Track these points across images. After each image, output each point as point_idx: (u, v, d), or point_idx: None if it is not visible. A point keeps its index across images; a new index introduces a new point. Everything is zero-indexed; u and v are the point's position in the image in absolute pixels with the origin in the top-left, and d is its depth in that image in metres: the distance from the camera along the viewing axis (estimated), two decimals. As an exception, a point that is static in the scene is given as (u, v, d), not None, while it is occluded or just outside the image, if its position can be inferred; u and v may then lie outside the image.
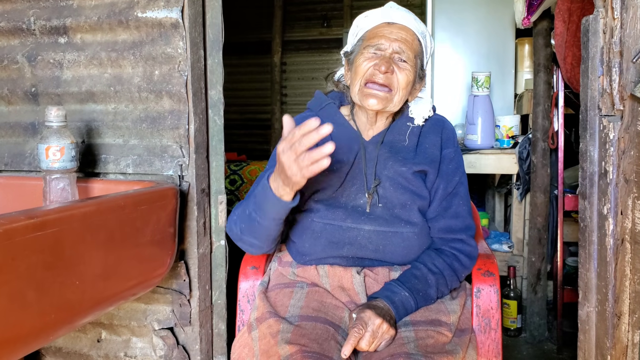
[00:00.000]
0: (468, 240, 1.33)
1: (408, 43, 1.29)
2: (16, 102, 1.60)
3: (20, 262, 0.89)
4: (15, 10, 1.54)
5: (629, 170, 1.04)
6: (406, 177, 1.30)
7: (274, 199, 1.14)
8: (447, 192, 1.33)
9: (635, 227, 1.03)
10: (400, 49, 1.28)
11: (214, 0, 1.50)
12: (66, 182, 1.28)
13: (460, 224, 1.32)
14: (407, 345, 1.11)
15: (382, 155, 1.32)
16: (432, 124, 1.38)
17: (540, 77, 2.44)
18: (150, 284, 1.31)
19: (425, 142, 1.36)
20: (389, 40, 1.28)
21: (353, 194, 1.31)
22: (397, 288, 1.21)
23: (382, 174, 1.31)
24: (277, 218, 1.20)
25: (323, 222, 1.29)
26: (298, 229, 1.34)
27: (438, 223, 1.32)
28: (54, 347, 1.63)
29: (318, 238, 1.29)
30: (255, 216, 1.22)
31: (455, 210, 1.33)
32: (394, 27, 1.30)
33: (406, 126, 1.36)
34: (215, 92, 1.52)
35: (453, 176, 1.34)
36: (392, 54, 1.28)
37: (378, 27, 1.31)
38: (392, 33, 1.29)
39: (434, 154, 1.34)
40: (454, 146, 1.38)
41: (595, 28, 1.10)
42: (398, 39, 1.28)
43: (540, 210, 2.47)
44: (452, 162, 1.35)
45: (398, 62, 1.28)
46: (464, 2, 3.03)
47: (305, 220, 1.32)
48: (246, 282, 1.42)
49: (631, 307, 1.05)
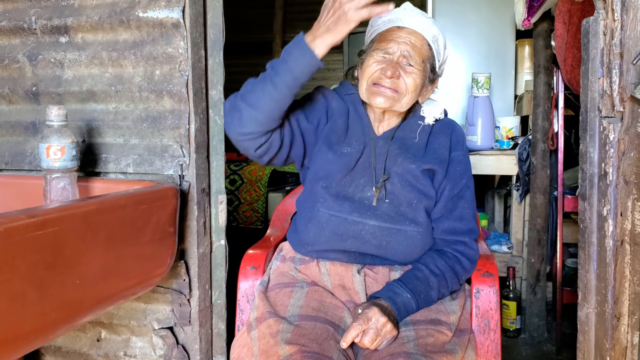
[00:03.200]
0: (471, 243, 1.33)
1: (416, 48, 1.30)
2: (17, 101, 1.60)
3: (20, 261, 0.89)
4: (16, 9, 1.55)
5: (629, 171, 1.04)
6: (415, 174, 1.31)
7: (305, 48, 1.13)
8: (453, 194, 1.34)
9: (635, 228, 1.03)
10: (408, 54, 1.29)
11: (215, 1, 1.50)
12: (67, 182, 1.28)
13: (464, 227, 1.33)
14: (407, 344, 1.12)
15: (392, 151, 1.33)
16: (442, 126, 1.40)
17: (540, 79, 2.45)
18: (150, 283, 1.31)
19: (435, 142, 1.37)
20: (397, 44, 1.29)
21: (361, 186, 1.31)
22: (399, 289, 1.21)
23: (391, 169, 1.32)
24: (295, 78, 1.17)
25: (329, 213, 1.29)
26: (303, 217, 1.35)
27: (442, 224, 1.33)
28: (54, 346, 1.63)
29: (323, 229, 1.30)
30: (269, 74, 1.20)
31: (460, 213, 1.33)
32: (404, 32, 1.31)
33: (417, 124, 1.38)
34: (216, 92, 1.52)
35: (460, 179, 1.35)
36: (399, 58, 1.29)
37: (389, 31, 1.32)
38: (401, 37, 1.30)
39: (443, 154, 1.35)
40: (462, 149, 1.39)
41: (595, 30, 1.11)
42: (406, 42, 1.29)
43: (539, 212, 2.47)
44: (460, 164, 1.36)
45: (405, 66, 1.29)
46: (465, 3, 3.03)
47: (312, 209, 1.32)
48: (246, 281, 1.42)
49: (630, 309, 1.06)
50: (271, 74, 1.20)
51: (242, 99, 1.24)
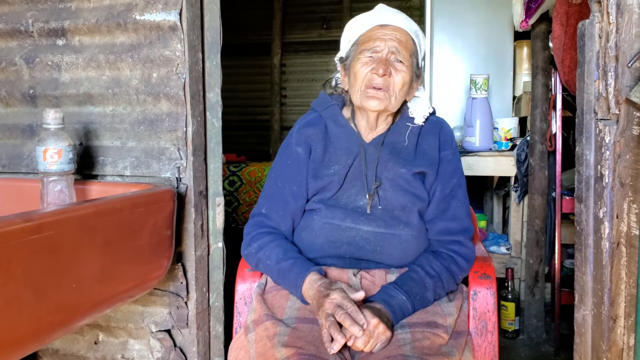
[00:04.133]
0: (465, 242, 1.33)
1: (402, 43, 1.30)
2: (14, 104, 1.60)
3: (17, 265, 0.89)
4: (13, 12, 1.55)
5: (625, 174, 1.04)
6: (406, 178, 1.30)
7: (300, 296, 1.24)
8: (445, 194, 1.33)
9: (631, 230, 1.03)
10: (395, 49, 1.29)
11: (213, 3, 1.50)
12: (64, 185, 1.28)
13: (458, 226, 1.33)
14: (404, 347, 1.11)
15: (382, 156, 1.33)
16: (430, 126, 1.39)
17: (538, 80, 2.45)
18: (147, 286, 1.31)
19: (424, 143, 1.36)
20: (384, 42, 1.29)
21: (353, 196, 1.31)
22: (394, 291, 1.21)
23: (382, 175, 1.32)
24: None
25: (322, 220, 1.30)
26: (298, 227, 1.35)
27: (436, 225, 1.33)
28: (51, 349, 1.63)
29: (317, 236, 1.30)
30: (277, 279, 1.31)
31: (453, 213, 1.33)
32: (388, 29, 1.31)
33: (406, 126, 1.37)
34: (213, 95, 1.52)
35: (451, 178, 1.35)
36: (388, 55, 1.29)
37: (372, 30, 1.32)
38: (386, 34, 1.30)
39: (432, 155, 1.35)
40: (451, 148, 1.38)
41: (591, 32, 1.11)
42: (392, 39, 1.29)
43: (538, 213, 2.47)
44: (449, 164, 1.36)
45: (395, 62, 1.29)
46: (463, 4, 3.04)
47: (306, 219, 1.34)
48: (243, 284, 1.42)
49: (627, 310, 1.06)
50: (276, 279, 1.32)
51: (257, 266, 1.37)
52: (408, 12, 5.10)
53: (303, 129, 1.38)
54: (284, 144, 1.42)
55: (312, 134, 1.36)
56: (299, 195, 1.35)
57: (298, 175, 1.35)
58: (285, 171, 1.37)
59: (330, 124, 1.38)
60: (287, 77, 5.38)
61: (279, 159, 1.41)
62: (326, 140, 1.36)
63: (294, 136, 1.39)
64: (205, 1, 1.49)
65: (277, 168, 1.40)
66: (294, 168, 1.36)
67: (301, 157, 1.35)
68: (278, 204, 1.35)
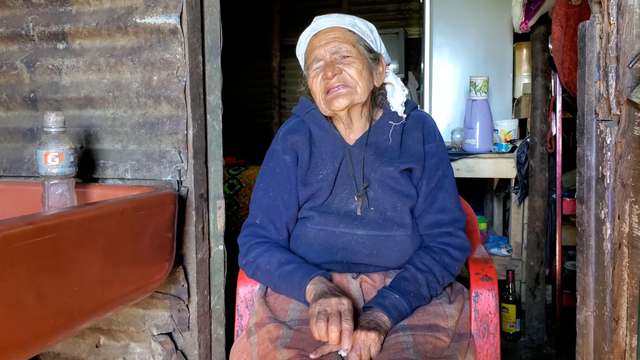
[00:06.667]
0: (456, 232, 1.32)
1: (340, 38, 1.31)
2: (15, 107, 1.60)
3: (18, 268, 0.89)
4: (14, 16, 1.55)
5: (626, 174, 1.04)
6: (394, 177, 1.31)
7: (302, 296, 1.21)
8: (431, 187, 1.33)
9: (633, 231, 1.03)
10: (335, 48, 1.31)
11: (213, 6, 1.50)
12: (65, 188, 1.28)
13: (447, 218, 1.32)
14: (407, 350, 1.11)
15: (368, 157, 1.33)
16: (413, 121, 1.39)
17: (538, 82, 2.45)
18: (148, 289, 1.31)
19: (408, 139, 1.37)
20: (322, 47, 1.31)
21: (344, 200, 1.32)
22: (387, 292, 1.21)
23: (370, 176, 1.32)
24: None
25: (316, 228, 1.30)
26: (292, 235, 1.35)
27: (425, 219, 1.33)
28: (53, 353, 1.63)
29: (312, 244, 1.30)
30: (277, 282, 1.28)
31: (441, 204, 1.33)
32: (321, 34, 1.33)
33: (388, 125, 1.37)
34: (213, 98, 1.52)
35: (436, 170, 1.35)
36: (331, 57, 1.30)
37: (310, 43, 1.35)
38: (322, 40, 1.32)
39: (418, 150, 1.35)
40: (435, 140, 1.38)
41: (591, 33, 1.11)
42: (328, 40, 1.31)
43: (538, 214, 2.47)
44: (434, 156, 1.36)
45: (341, 60, 1.30)
46: (462, 6, 3.04)
47: (300, 227, 1.34)
48: (244, 287, 1.42)
49: (629, 312, 1.05)
50: (277, 284, 1.29)
51: (252, 276, 1.35)
52: (407, 15, 5.15)
53: (287, 136, 1.38)
54: (269, 150, 1.42)
55: (297, 140, 1.37)
56: (290, 204, 1.35)
57: (288, 184, 1.35)
58: (276, 180, 1.37)
59: (314, 128, 1.38)
60: (286, 80, 5.39)
61: (267, 167, 1.40)
62: (311, 146, 1.37)
63: (279, 143, 1.39)
64: (206, 4, 1.49)
65: (266, 177, 1.40)
66: (283, 177, 1.36)
67: (289, 166, 1.36)
68: (272, 215, 1.35)
